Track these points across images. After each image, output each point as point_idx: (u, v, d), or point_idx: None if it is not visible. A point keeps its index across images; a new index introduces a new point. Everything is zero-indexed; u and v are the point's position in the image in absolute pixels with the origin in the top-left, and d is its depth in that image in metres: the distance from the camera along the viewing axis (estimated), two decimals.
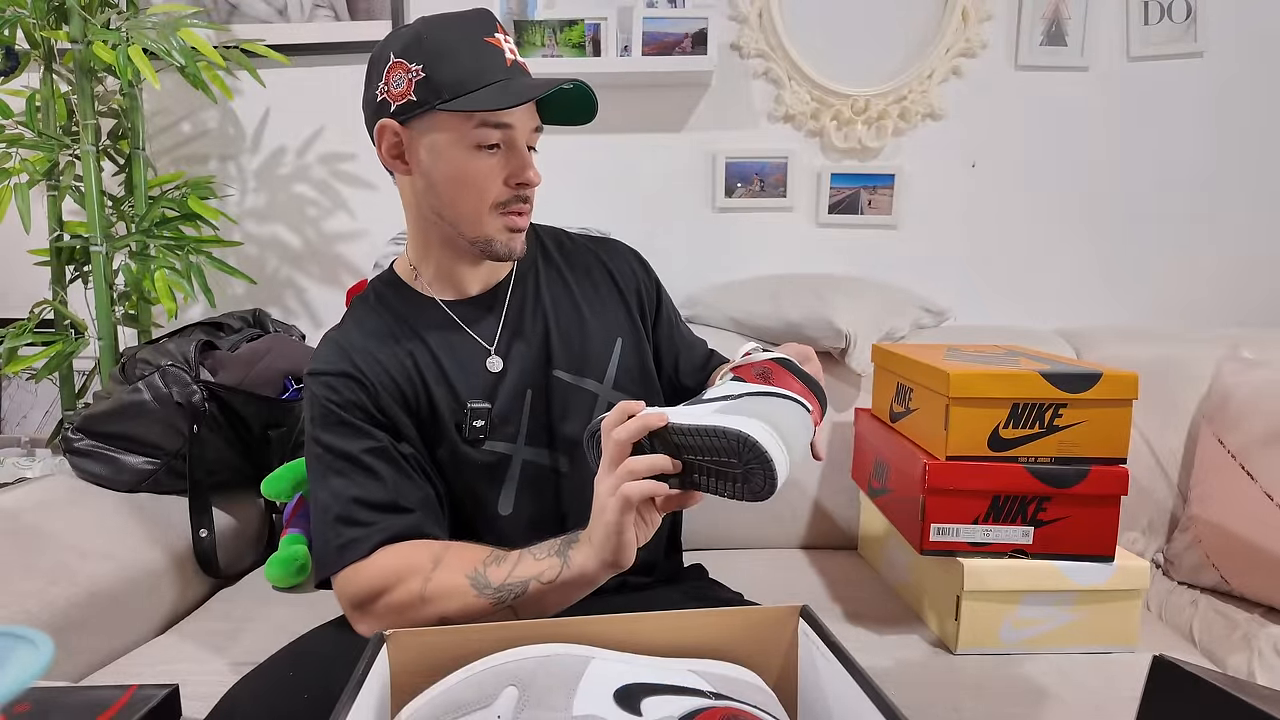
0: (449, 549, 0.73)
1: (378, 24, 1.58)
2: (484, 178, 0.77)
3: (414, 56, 0.74)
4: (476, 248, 0.80)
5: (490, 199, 0.78)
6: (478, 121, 0.74)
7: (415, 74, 0.74)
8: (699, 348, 1.00)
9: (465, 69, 0.74)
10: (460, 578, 0.70)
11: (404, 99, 0.75)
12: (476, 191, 0.77)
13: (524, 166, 0.78)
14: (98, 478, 1.16)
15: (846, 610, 1.07)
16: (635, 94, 1.57)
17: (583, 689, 0.46)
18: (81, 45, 1.34)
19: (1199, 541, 1.15)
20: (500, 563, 0.70)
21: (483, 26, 0.76)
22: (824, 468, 1.33)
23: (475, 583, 0.69)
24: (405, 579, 0.71)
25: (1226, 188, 1.57)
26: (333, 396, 0.78)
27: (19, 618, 0.87)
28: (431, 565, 0.71)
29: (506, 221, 0.79)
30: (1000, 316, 1.61)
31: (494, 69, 0.75)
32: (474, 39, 0.75)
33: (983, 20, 1.53)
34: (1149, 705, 0.47)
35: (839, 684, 0.49)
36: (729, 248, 1.64)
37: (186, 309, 1.69)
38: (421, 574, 0.70)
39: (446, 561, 0.71)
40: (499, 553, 0.71)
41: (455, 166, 0.76)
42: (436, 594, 0.70)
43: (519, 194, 0.79)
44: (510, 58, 0.76)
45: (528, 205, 0.80)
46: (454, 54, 0.74)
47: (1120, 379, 0.92)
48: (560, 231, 0.96)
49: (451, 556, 0.72)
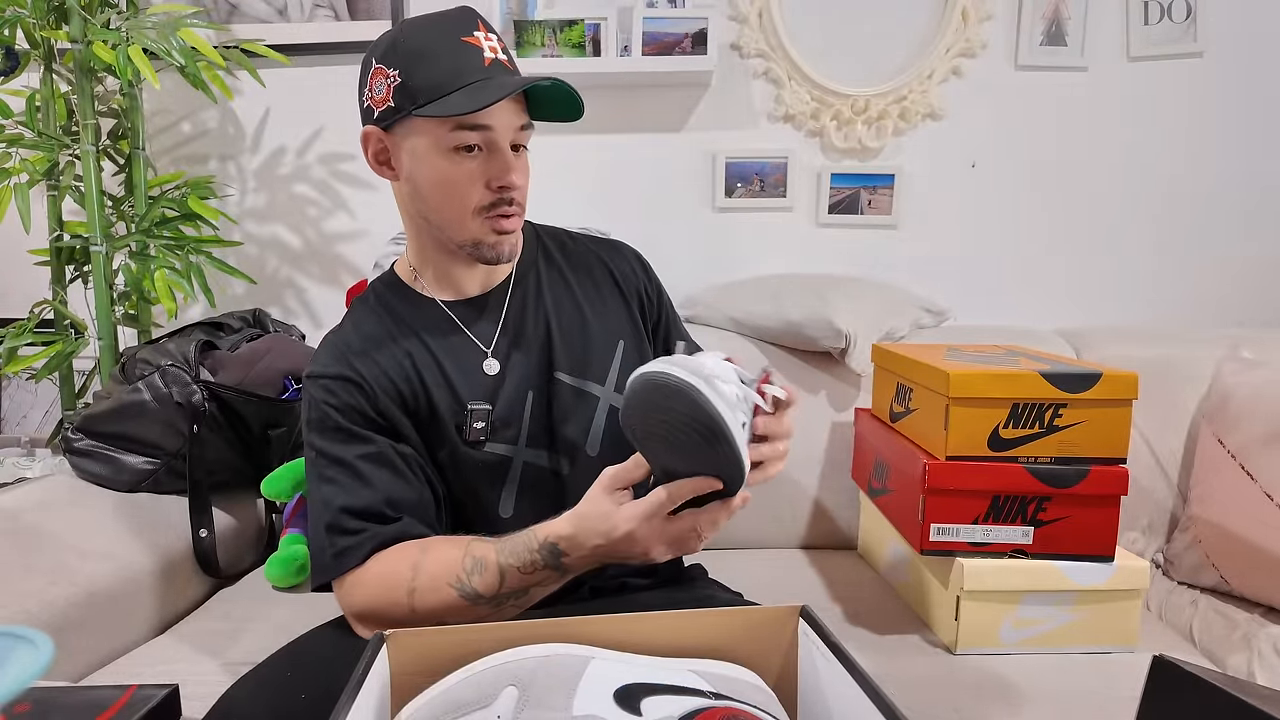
0: (427, 552, 0.72)
1: (378, 24, 1.58)
2: (465, 182, 0.75)
3: (392, 61, 0.74)
4: (465, 251, 0.80)
5: (472, 203, 0.76)
6: (454, 125, 0.73)
7: (393, 79, 0.74)
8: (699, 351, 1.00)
9: (440, 72, 0.73)
10: (448, 591, 0.69)
11: (384, 105, 0.75)
12: (457, 196, 0.76)
13: (505, 169, 0.76)
14: (98, 478, 1.16)
15: (846, 610, 1.07)
16: (635, 94, 1.57)
17: (583, 689, 0.46)
18: (81, 45, 1.34)
19: (1199, 541, 1.15)
20: (483, 572, 0.69)
21: (461, 26, 0.75)
22: (824, 467, 1.33)
23: (464, 594, 0.69)
24: (391, 589, 0.71)
25: (1226, 188, 1.56)
26: (330, 400, 0.78)
27: (19, 618, 0.87)
28: (412, 574, 0.71)
29: (492, 225, 0.77)
30: (1000, 316, 1.60)
31: (470, 70, 0.73)
32: (451, 40, 0.74)
33: (983, 20, 1.53)
34: (1149, 705, 0.47)
35: (839, 684, 0.49)
36: (729, 248, 1.63)
37: (186, 309, 1.69)
38: (404, 585, 0.71)
39: (427, 569, 0.71)
40: (476, 556, 0.70)
41: (436, 171, 0.76)
42: (428, 612, 0.70)
43: (501, 197, 0.77)
44: (490, 56, 0.75)
45: (514, 208, 0.78)
46: (429, 57, 0.73)
47: (1120, 379, 0.92)
48: (562, 232, 0.96)
49: (430, 563, 0.71)
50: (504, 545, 0.70)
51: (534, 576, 0.69)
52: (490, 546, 0.70)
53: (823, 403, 1.35)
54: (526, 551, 0.69)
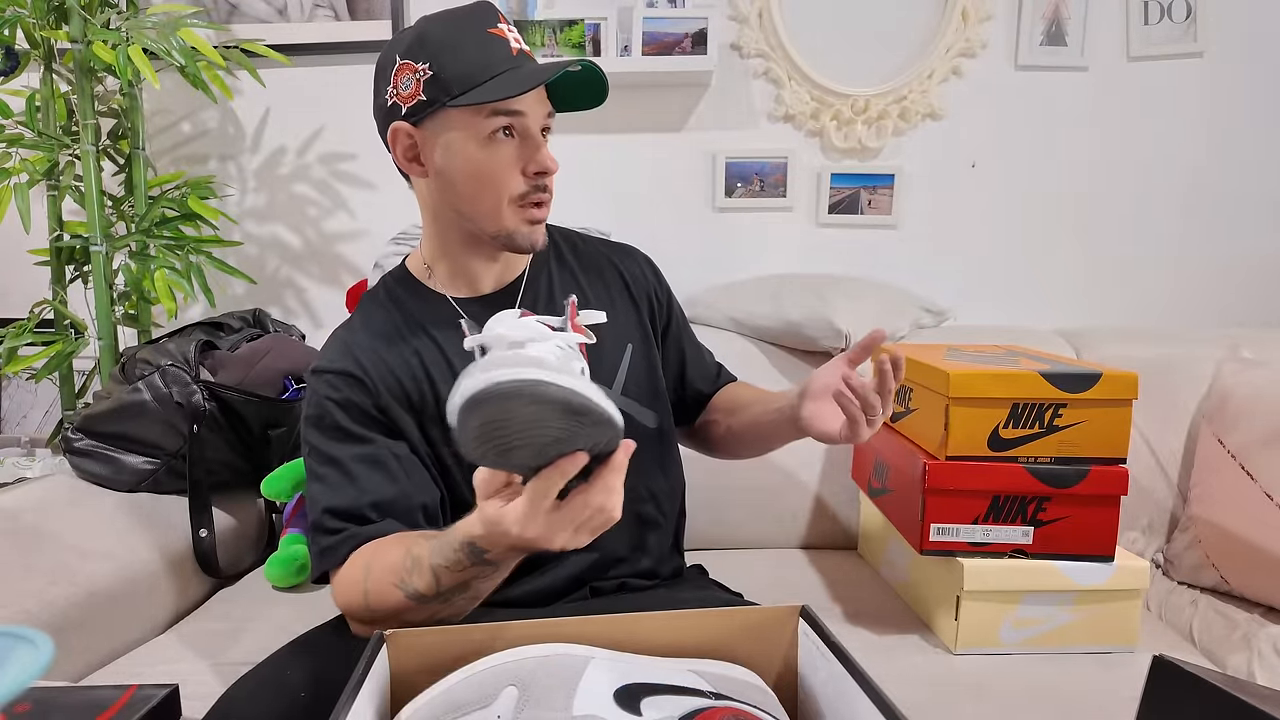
0: (375, 554, 0.71)
1: (378, 24, 1.58)
2: (501, 170, 0.76)
3: (420, 56, 0.74)
4: (499, 242, 0.80)
5: (509, 192, 0.77)
6: (489, 112, 0.74)
7: (423, 73, 0.74)
8: (708, 358, 1.01)
9: (472, 62, 0.73)
10: (395, 592, 0.68)
11: (414, 100, 0.75)
12: (494, 185, 0.76)
13: (538, 153, 0.77)
14: (98, 478, 1.16)
15: (846, 610, 1.07)
16: (635, 94, 1.57)
17: (583, 689, 0.46)
18: (81, 45, 1.34)
19: (1199, 541, 1.15)
20: (420, 571, 0.66)
21: (485, 19, 0.76)
22: (824, 467, 1.33)
23: (408, 594, 0.67)
24: (350, 592, 0.71)
25: (1226, 188, 1.56)
26: (332, 395, 0.78)
27: (19, 618, 0.87)
28: (363, 576, 0.70)
29: (526, 214, 0.78)
30: (1000, 316, 1.60)
31: (501, 59, 0.74)
32: (478, 32, 0.75)
33: (983, 20, 1.53)
34: (1149, 705, 0.47)
35: (839, 684, 0.49)
36: (729, 248, 1.63)
37: (186, 309, 1.69)
38: (358, 587, 0.70)
39: (374, 571, 0.70)
40: (414, 555, 0.67)
41: (471, 162, 0.76)
42: (386, 613, 0.69)
43: (537, 183, 0.77)
44: (515, 46, 0.76)
45: (547, 194, 0.79)
46: (459, 49, 0.73)
47: (1120, 379, 0.92)
48: (575, 233, 0.96)
49: (377, 565, 0.70)
50: (434, 544, 0.66)
51: (467, 573, 0.65)
52: (425, 546, 0.67)
53: None
54: (450, 550, 0.64)
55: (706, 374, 1.00)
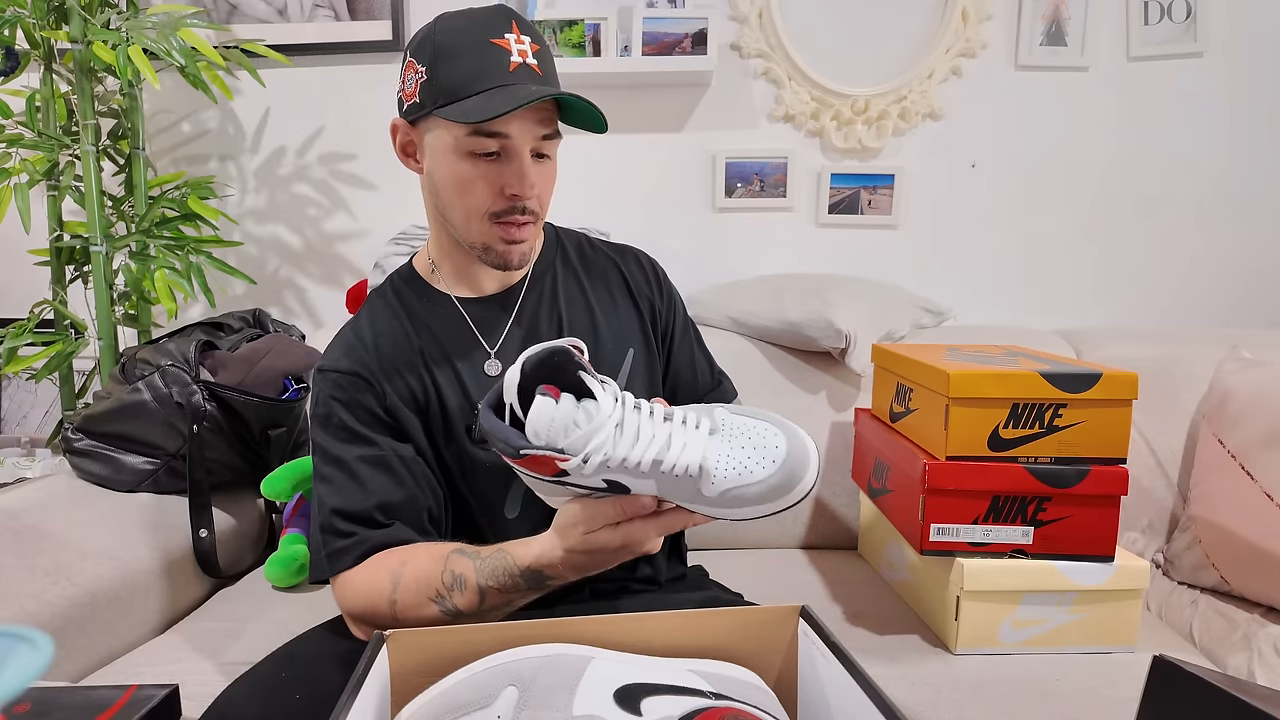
0: (406, 565, 0.72)
1: (378, 24, 1.58)
2: (476, 185, 0.74)
3: (422, 57, 0.74)
4: (474, 253, 0.80)
5: (483, 208, 0.75)
6: (470, 129, 0.72)
7: (421, 75, 0.74)
8: (701, 375, 0.96)
9: (464, 73, 0.71)
10: (430, 607, 0.69)
11: (411, 99, 0.75)
12: (469, 198, 0.75)
13: (519, 177, 0.74)
14: (98, 478, 1.16)
15: (846, 610, 1.07)
16: (635, 94, 1.57)
17: (583, 689, 0.46)
18: (81, 45, 1.34)
19: (1199, 541, 1.15)
20: (463, 590, 0.69)
21: (493, 27, 0.73)
22: (824, 467, 1.32)
23: (446, 611, 0.69)
24: (374, 599, 0.71)
25: (1226, 188, 1.56)
26: (338, 395, 0.78)
27: (19, 618, 0.87)
28: (391, 587, 0.71)
29: (501, 232, 0.76)
30: (1000, 316, 1.61)
31: (494, 74, 0.71)
32: (480, 40, 0.72)
33: (983, 20, 1.53)
34: (1149, 705, 0.47)
35: (839, 684, 0.49)
36: (729, 248, 1.64)
37: (186, 309, 1.69)
38: (385, 596, 0.71)
39: (405, 583, 0.70)
40: (456, 573, 0.69)
41: (451, 171, 0.75)
42: (413, 623, 0.68)
43: (514, 205, 0.75)
44: (517, 60, 0.72)
45: (525, 216, 0.76)
46: (457, 57, 0.72)
47: (1120, 379, 0.92)
48: (582, 236, 0.94)
49: (409, 577, 0.71)
50: (482, 565, 0.69)
51: (517, 595, 0.69)
52: (469, 564, 0.69)
53: (823, 403, 1.35)
54: (507, 575, 0.68)
55: (693, 392, 0.94)
